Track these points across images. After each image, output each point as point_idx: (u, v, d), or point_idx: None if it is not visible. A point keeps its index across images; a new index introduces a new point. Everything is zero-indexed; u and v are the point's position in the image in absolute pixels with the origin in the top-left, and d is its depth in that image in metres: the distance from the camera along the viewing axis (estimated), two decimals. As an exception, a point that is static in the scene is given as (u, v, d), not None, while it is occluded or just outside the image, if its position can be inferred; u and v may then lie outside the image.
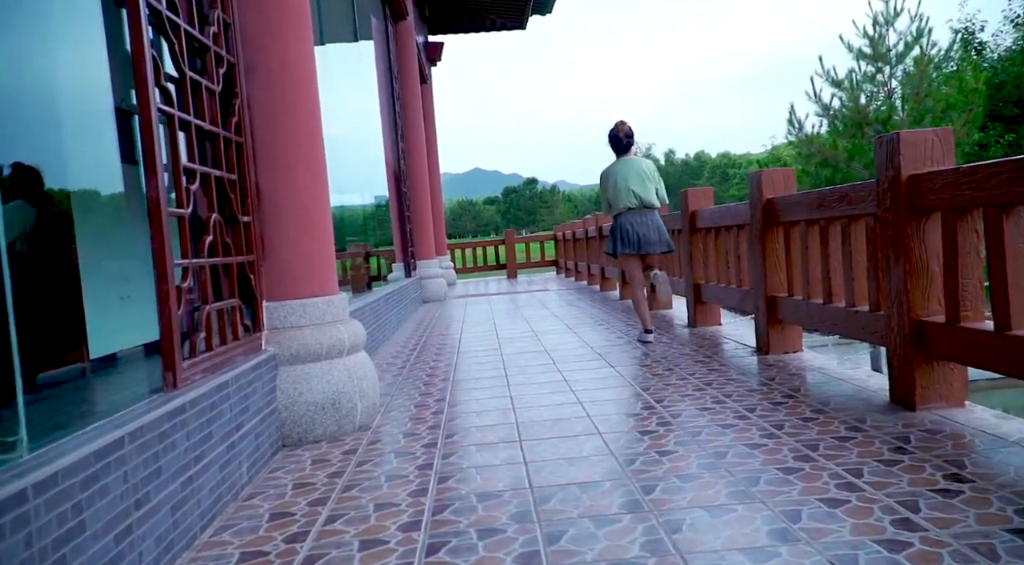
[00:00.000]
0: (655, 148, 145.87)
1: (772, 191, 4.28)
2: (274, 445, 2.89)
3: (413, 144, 10.78)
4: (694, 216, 5.73)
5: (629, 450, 2.64)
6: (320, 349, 3.08)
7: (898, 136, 2.87)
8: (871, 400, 3.07)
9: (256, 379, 2.72)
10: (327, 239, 3.33)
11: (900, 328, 2.90)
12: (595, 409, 3.29)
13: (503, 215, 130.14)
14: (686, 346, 4.84)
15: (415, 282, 9.86)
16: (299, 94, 3.21)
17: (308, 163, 3.23)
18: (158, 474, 1.84)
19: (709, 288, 5.48)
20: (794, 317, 4.03)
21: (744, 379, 3.66)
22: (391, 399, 3.90)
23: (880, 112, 13.50)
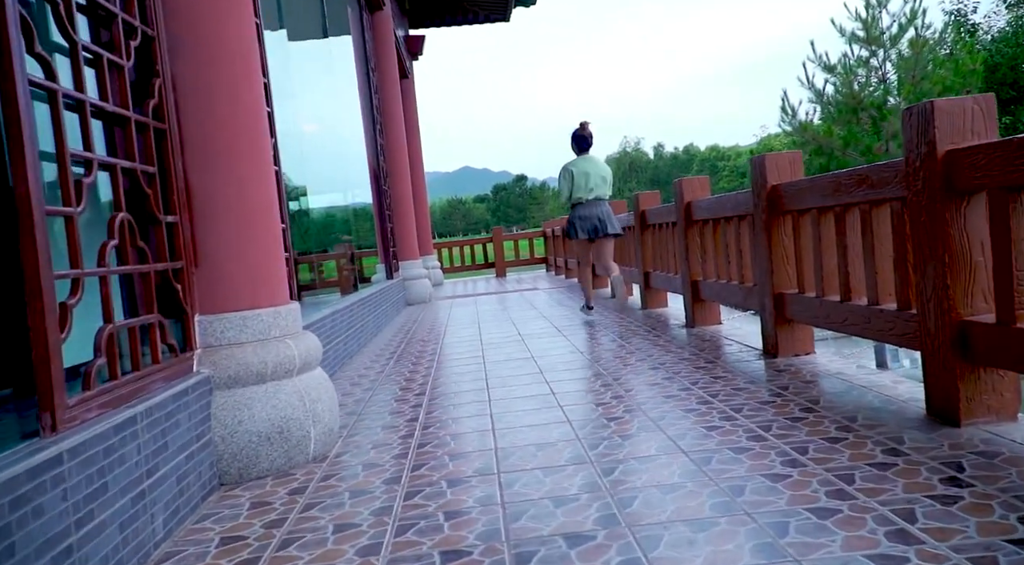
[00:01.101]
0: (644, 142, 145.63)
1: (777, 177, 3.86)
2: (207, 485, 2.45)
3: (394, 140, 10.33)
4: (689, 208, 5.31)
5: (625, 483, 2.21)
6: (264, 369, 2.64)
7: (932, 105, 2.45)
8: (904, 413, 2.65)
9: (180, 409, 2.28)
10: (275, 241, 2.88)
11: (938, 329, 2.48)
12: (586, 431, 2.86)
13: (493, 213, 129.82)
14: (685, 349, 4.42)
15: (397, 284, 9.42)
16: (239, 75, 2.77)
17: (251, 155, 2.79)
18: (11, 553, 1.40)
19: (708, 285, 5.07)
20: (806, 316, 3.61)
21: (753, 388, 3.25)
22: (357, 419, 3.46)
23: (874, 97, 13.13)
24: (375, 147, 9.41)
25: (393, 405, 3.70)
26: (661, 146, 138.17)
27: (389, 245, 9.49)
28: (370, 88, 9.42)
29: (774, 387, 3.24)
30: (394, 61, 10.47)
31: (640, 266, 6.89)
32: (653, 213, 6.46)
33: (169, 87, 2.58)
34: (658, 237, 6.42)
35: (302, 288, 5.05)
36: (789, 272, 3.87)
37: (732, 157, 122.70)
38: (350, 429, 3.29)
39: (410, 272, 10.26)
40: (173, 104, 2.60)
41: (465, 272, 16.92)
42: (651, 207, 6.62)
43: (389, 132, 10.25)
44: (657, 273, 6.45)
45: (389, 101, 10.27)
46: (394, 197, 10.21)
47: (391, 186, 10.16)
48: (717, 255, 4.91)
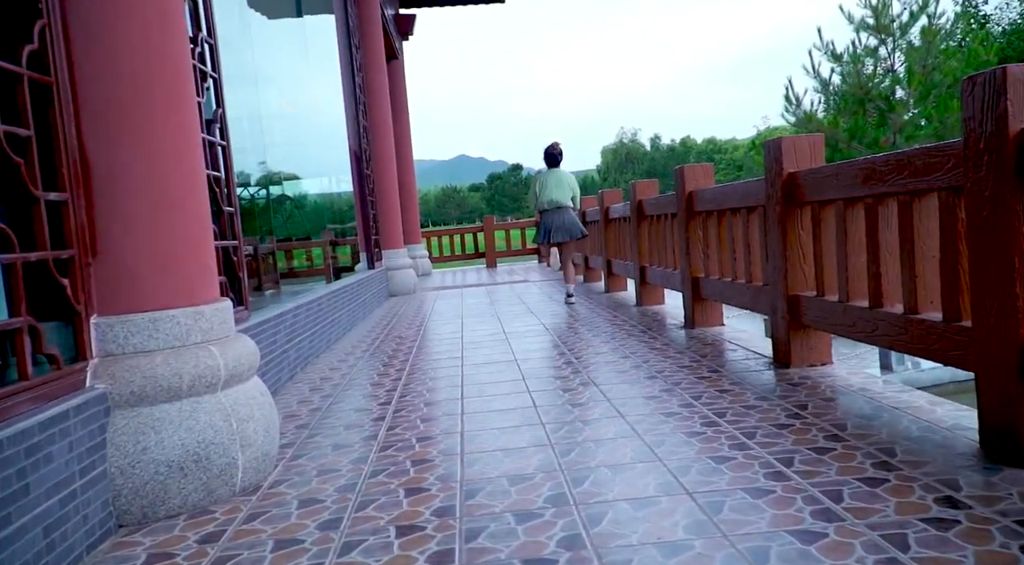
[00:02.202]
0: (640, 133, 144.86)
1: (795, 163, 3.39)
2: (98, 529, 1.97)
3: (378, 122, 9.81)
4: (691, 198, 4.83)
5: (616, 538, 1.75)
6: (178, 382, 2.17)
7: (1004, 73, 1.98)
8: (951, 447, 2.19)
9: (56, 437, 1.81)
10: (200, 227, 2.40)
11: (1001, 348, 2.02)
12: (571, 458, 2.39)
13: (488, 202, 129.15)
14: (685, 355, 3.96)
15: (379, 274, 8.93)
16: (153, 25, 2.27)
17: (170, 122, 2.30)
18: None
19: (710, 283, 4.60)
20: (825, 322, 3.15)
21: (766, 407, 2.78)
22: (308, 434, 2.99)
23: (883, 88, 12.63)
24: (357, 129, 8.89)
25: (352, 417, 3.23)
26: (658, 138, 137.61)
27: (371, 233, 8.99)
28: (353, 66, 8.89)
29: (790, 406, 2.78)
30: (380, 39, 9.93)
31: (636, 260, 6.42)
32: (651, 203, 5.99)
33: (58, 32, 2.09)
34: (656, 229, 5.96)
35: (265, 280, 4.56)
36: (806, 272, 3.41)
37: (729, 150, 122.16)
38: (297, 447, 2.81)
39: (394, 262, 9.78)
40: (64, 55, 2.11)
41: (455, 262, 16.43)
42: (649, 197, 6.14)
43: (374, 114, 9.73)
44: (654, 268, 5.98)
45: (374, 81, 9.75)
46: (378, 183, 9.71)
47: (375, 171, 9.65)
48: (722, 250, 4.44)
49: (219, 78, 3.57)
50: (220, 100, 3.56)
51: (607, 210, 7.77)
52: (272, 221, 5.09)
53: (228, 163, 3.57)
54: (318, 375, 4.34)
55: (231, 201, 3.57)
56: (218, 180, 3.42)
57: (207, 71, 3.42)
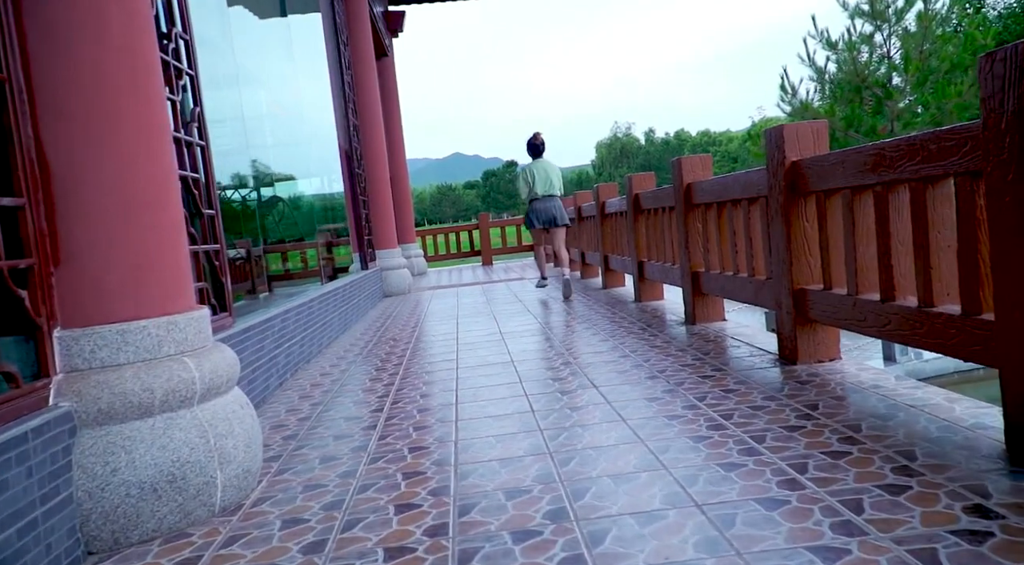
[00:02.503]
0: (635, 127, 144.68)
1: (799, 151, 3.26)
2: (61, 561, 1.83)
3: (369, 120, 9.66)
4: (690, 190, 4.70)
5: (620, 559, 1.62)
6: (150, 398, 2.03)
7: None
8: (975, 449, 2.06)
9: (12, 463, 1.67)
10: (174, 232, 2.26)
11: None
12: (570, 468, 2.26)
13: (483, 199, 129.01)
14: (687, 353, 3.83)
15: (373, 274, 8.79)
16: (114, 17, 2.12)
17: (137, 120, 2.15)
18: None
19: (711, 278, 4.47)
20: (834, 317, 3.02)
21: (774, 407, 2.65)
22: (295, 446, 2.85)
23: (879, 75, 12.47)
24: (347, 127, 8.74)
25: (342, 426, 3.09)
26: (652, 131, 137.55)
27: (364, 233, 8.85)
28: (341, 64, 8.74)
29: (800, 406, 2.65)
30: (368, 36, 9.78)
31: (633, 255, 6.29)
32: (648, 197, 5.85)
33: (11, 24, 1.94)
34: (654, 223, 5.82)
35: (254, 284, 4.42)
36: (812, 265, 3.27)
37: (723, 142, 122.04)
38: (283, 461, 2.68)
39: (388, 262, 9.63)
40: (18, 49, 1.96)
41: (450, 260, 16.28)
42: (646, 190, 6.00)
43: (364, 112, 9.58)
44: (652, 263, 5.85)
45: (364, 79, 9.59)
46: (370, 182, 9.56)
47: (366, 170, 9.50)
48: (722, 244, 4.31)
49: (196, 76, 3.42)
50: (198, 98, 3.42)
51: (603, 204, 7.64)
52: (259, 223, 4.95)
53: (208, 163, 3.43)
54: (309, 381, 4.20)
55: (212, 203, 3.42)
56: (196, 181, 3.27)
57: (182, 68, 3.27)
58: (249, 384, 3.49)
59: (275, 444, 2.93)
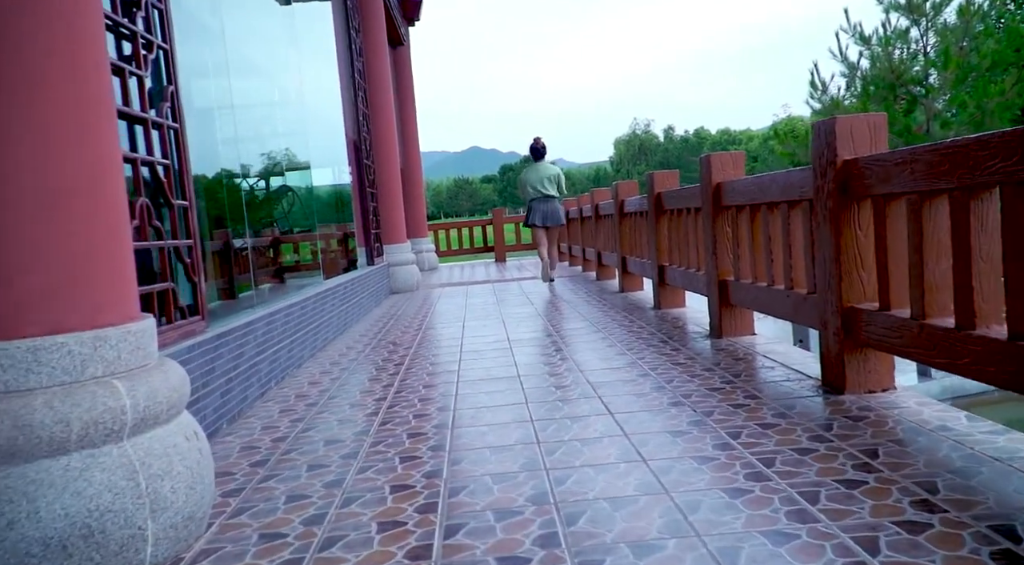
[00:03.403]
0: (654, 124, 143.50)
1: (852, 149, 2.83)
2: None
3: (380, 110, 9.27)
4: (719, 190, 4.27)
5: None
6: (66, 432, 1.65)
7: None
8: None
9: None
10: (107, 226, 1.87)
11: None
12: (578, 529, 1.85)
13: (500, 193, 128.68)
14: (715, 374, 3.41)
15: (379, 270, 8.42)
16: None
17: (62, 93, 1.77)
18: None
19: (741, 287, 4.04)
20: (892, 343, 2.59)
21: (824, 451, 2.23)
22: (261, 479, 2.46)
23: (915, 72, 11.90)
24: (356, 117, 8.36)
25: (320, 452, 2.71)
26: (671, 129, 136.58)
27: (371, 227, 8.47)
28: (352, 52, 8.36)
29: (856, 452, 2.23)
30: (382, 23, 9.39)
31: (653, 259, 5.86)
32: (671, 196, 5.42)
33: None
34: (677, 225, 5.39)
35: (242, 280, 4.05)
36: (865, 280, 2.85)
37: (744, 141, 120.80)
38: (243, 497, 2.29)
39: (396, 257, 9.26)
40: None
41: (463, 256, 15.91)
42: (669, 189, 5.58)
43: (375, 101, 9.20)
44: (674, 268, 5.43)
45: (376, 67, 9.21)
46: (379, 174, 9.18)
47: (376, 161, 9.12)
48: (756, 251, 3.88)
49: (171, 50, 3.04)
50: (172, 76, 3.04)
51: (622, 203, 7.21)
52: (245, 213, 4.57)
53: (182, 149, 3.05)
54: (294, 390, 3.82)
55: (185, 193, 3.04)
56: (167, 169, 2.89)
57: (153, 41, 2.89)
58: (222, 396, 3.11)
59: (240, 472, 2.55)
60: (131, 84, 2.73)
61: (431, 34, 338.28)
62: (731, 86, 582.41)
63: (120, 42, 2.72)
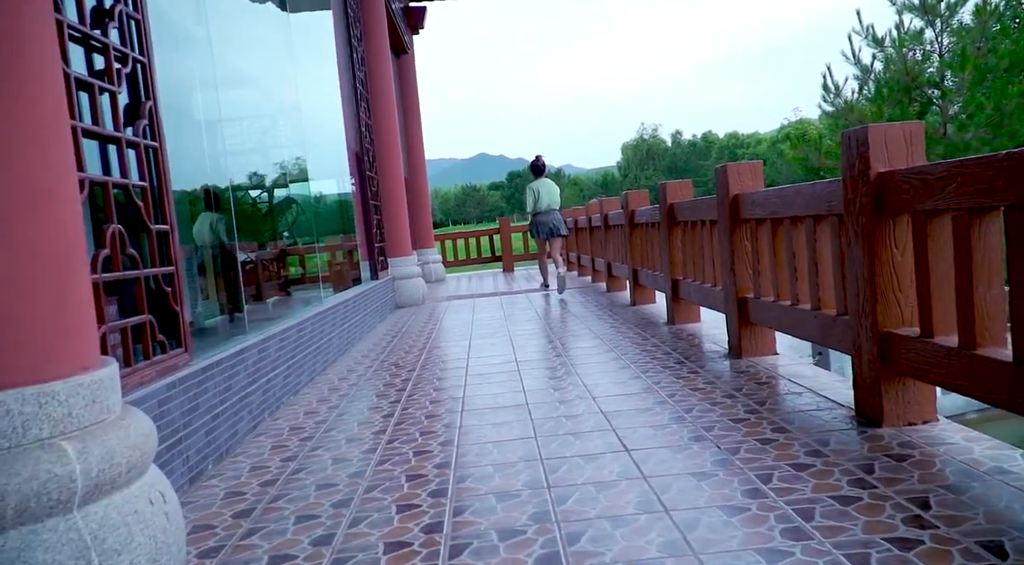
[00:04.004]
0: (661, 129, 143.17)
1: (887, 160, 2.59)
2: None
3: (383, 120, 9.08)
4: (737, 202, 4.04)
5: None
6: (1, 507, 1.43)
7: None
8: None
9: None
10: (57, 260, 1.65)
11: None
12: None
13: (508, 200, 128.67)
14: (737, 401, 3.17)
15: (384, 284, 8.21)
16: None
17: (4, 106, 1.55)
18: None
19: (762, 306, 3.80)
20: (937, 374, 2.35)
21: (868, 499, 1.99)
22: (246, 533, 2.24)
23: (930, 73, 11.61)
24: (358, 127, 8.17)
25: (310, 499, 2.48)
26: (679, 133, 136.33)
27: (375, 240, 8.27)
28: (353, 61, 8.17)
29: (903, 501, 1.99)
30: (384, 31, 9.21)
31: (667, 272, 5.63)
32: (685, 208, 5.19)
33: None
34: (691, 237, 5.16)
35: (232, 303, 3.84)
36: (902, 302, 2.60)
37: (752, 144, 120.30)
38: (221, 558, 2.07)
39: (401, 270, 9.05)
40: None
41: (470, 266, 15.70)
42: (682, 200, 5.35)
43: (378, 111, 9.01)
44: (689, 282, 5.19)
45: (379, 76, 9.02)
46: (383, 185, 8.98)
47: (379, 172, 8.93)
48: (778, 268, 3.64)
49: (149, 64, 2.83)
50: (151, 91, 2.83)
51: (632, 213, 6.98)
52: (240, 232, 4.37)
53: (162, 169, 2.84)
54: (289, 422, 3.60)
55: (165, 217, 2.83)
56: (144, 191, 2.69)
57: (127, 54, 2.69)
58: (207, 435, 2.89)
59: (222, 525, 2.32)
60: (103, 101, 2.52)
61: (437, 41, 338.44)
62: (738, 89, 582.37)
63: (91, 56, 2.52)
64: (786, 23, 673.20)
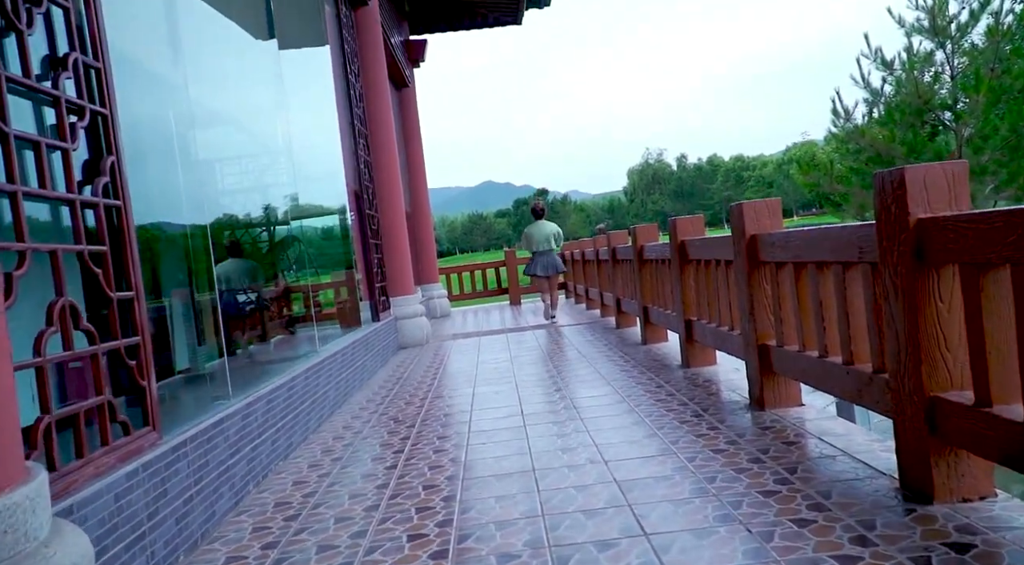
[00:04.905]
0: (666, 153, 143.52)
1: (927, 206, 2.32)
2: None
3: (383, 156, 8.89)
4: (754, 243, 3.76)
5: None
6: None
7: None
8: None
9: None
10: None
11: None
12: None
13: (514, 228, 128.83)
14: (765, 468, 2.86)
15: (386, 326, 7.95)
16: None
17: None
18: None
19: (787, 356, 3.51)
20: (1002, 451, 2.05)
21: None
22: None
23: (942, 96, 11.36)
24: (357, 165, 7.97)
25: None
26: (684, 157, 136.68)
27: (375, 280, 8.02)
28: (351, 97, 8.00)
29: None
30: (383, 65, 9.05)
31: (679, 312, 5.34)
32: (697, 246, 4.92)
33: None
34: (705, 277, 4.88)
35: (213, 359, 3.57)
36: (950, 364, 2.31)
37: (757, 167, 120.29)
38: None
39: (404, 310, 8.79)
40: None
41: (476, 299, 15.43)
42: (693, 238, 5.08)
43: (378, 147, 8.82)
44: (704, 324, 4.90)
45: (377, 111, 8.85)
46: (384, 222, 8.76)
47: (380, 210, 8.71)
48: (803, 315, 3.35)
49: (111, 116, 2.60)
50: (113, 145, 2.60)
51: (641, 249, 6.71)
52: (204, 270, 4.12)
53: (126, 229, 2.59)
54: (275, 495, 3.32)
55: (131, 283, 2.58)
56: (103, 256, 2.44)
57: (85, 106, 2.46)
58: (178, 522, 2.61)
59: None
60: (54, 159, 2.29)
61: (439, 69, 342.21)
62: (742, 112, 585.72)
63: (40, 110, 2.29)
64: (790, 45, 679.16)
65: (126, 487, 2.28)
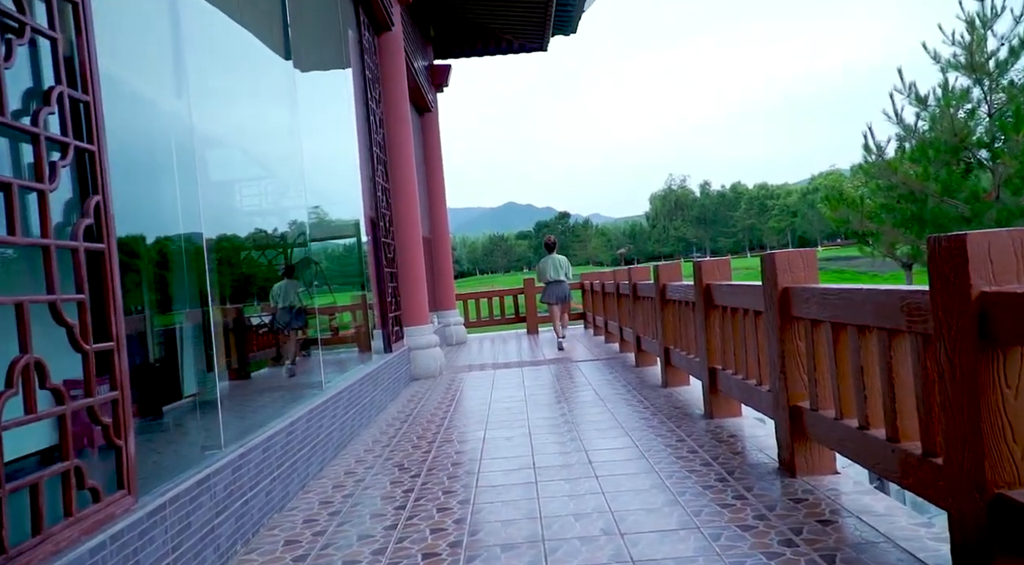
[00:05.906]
0: (689, 180, 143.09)
1: (991, 277, 2.06)
2: None
3: (402, 183, 8.73)
4: (787, 297, 3.51)
5: None
6: None
7: None
8: None
9: None
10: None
11: None
12: None
13: (535, 250, 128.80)
14: (800, 554, 2.58)
15: (399, 357, 7.73)
16: None
17: None
18: None
19: (822, 422, 3.24)
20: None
21: None
22: None
23: (979, 134, 11.02)
24: (374, 191, 7.81)
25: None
26: (707, 184, 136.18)
27: (389, 309, 7.82)
28: (370, 123, 7.86)
29: None
30: (404, 92, 8.92)
31: (703, 358, 5.07)
32: (724, 292, 4.66)
33: None
34: (731, 325, 4.61)
35: (204, 406, 3.36)
36: (1016, 456, 2.04)
37: (782, 196, 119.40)
38: None
39: (417, 340, 8.57)
40: None
41: (493, 327, 15.19)
42: (720, 282, 4.82)
43: (397, 174, 8.66)
44: (728, 375, 4.63)
45: (397, 137, 8.70)
46: (400, 251, 8.58)
47: (396, 238, 8.54)
48: (840, 380, 3.08)
49: (99, 152, 2.42)
50: (100, 184, 2.41)
51: (663, 288, 6.46)
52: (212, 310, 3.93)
53: (109, 277, 2.40)
54: (264, 557, 3.08)
55: (113, 333, 2.38)
56: (81, 305, 2.24)
57: (69, 142, 2.28)
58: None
59: None
60: (29, 200, 2.10)
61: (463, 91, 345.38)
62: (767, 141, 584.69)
63: (18, 147, 2.11)
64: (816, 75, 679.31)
65: (90, 563, 2.06)
